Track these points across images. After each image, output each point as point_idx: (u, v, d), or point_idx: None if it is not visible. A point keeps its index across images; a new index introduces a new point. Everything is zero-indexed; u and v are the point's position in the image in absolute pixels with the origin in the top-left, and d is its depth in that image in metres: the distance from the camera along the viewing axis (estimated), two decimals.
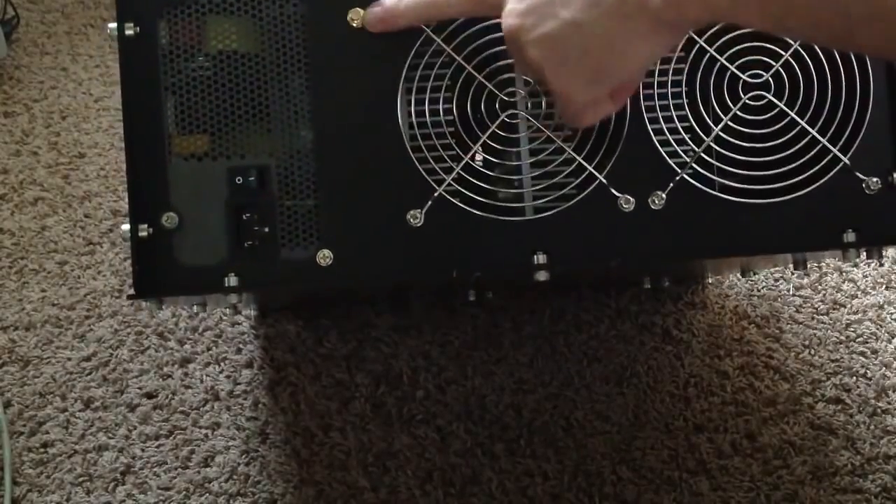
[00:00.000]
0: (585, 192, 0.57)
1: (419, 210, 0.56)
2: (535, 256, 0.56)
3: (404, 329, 0.88)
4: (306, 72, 0.57)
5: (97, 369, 0.86)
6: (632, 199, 0.56)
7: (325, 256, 0.56)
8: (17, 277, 0.93)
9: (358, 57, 0.57)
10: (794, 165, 0.57)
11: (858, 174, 0.57)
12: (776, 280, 0.92)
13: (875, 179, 0.57)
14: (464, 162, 0.57)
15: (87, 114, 1.07)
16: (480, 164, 0.58)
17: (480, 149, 0.57)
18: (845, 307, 0.90)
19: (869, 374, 0.86)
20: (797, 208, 0.57)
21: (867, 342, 0.88)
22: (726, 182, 0.57)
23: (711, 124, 0.57)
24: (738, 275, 0.90)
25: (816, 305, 0.90)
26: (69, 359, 0.87)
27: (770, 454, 0.81)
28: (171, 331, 0.89)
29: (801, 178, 0.57)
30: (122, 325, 0.89)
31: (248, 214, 0.57)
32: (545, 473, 0.80)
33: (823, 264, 0.93)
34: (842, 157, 0.56)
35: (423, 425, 0.82)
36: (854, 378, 0.85)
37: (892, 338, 0.88)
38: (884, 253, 0.57)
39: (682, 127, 0.57)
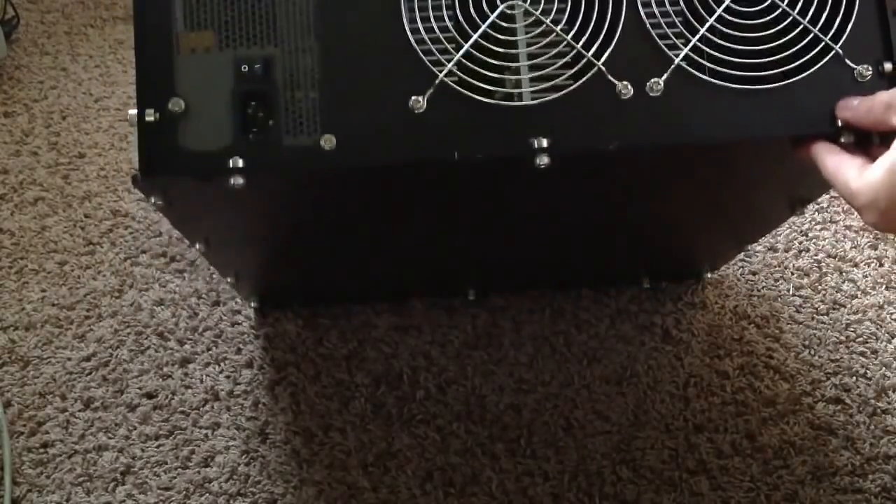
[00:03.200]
0: (584, 79, 0.58)
1: (421, 96, 0.58)
2: (536, 140, 0.57)
3: (404, 329, 0.88)
4: None
5: (97, 369, 0.86)
6: (630, 85, 0.58)
7: (328, 140, 0.57)
8: (17, 277, 0.93)
9: None
10: (786, 54, 0.59)
11: (849, 62, 0.58)
12: (776, 280, 0.92)
13: (866, 66, 0.58)
14: (465, 49, 0.58)
15: (87, 114, 1.07)
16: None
17: (477, 46, 0.59)
18: (845, 307, 0.90)
19: (869, 374, 0.86)
20: (792, 95, 0.59)
21: (867, 342, 0.88)
22: (721, 69, 0.59)
23: (704, 14, 0.59)
24: (737, 272, 0.90)
25: (816, 305, 0.90)
26: (69, 359, 0.87)
27: (770, 454, 0.81)
28: (171, 331, 0.89)
29: (793, 65, 0.59)
30: (122, 325, 0.89)
31: (253, 102, 0.58)
32: (545, 473, 0.80)
33: (823, 264, 0.93)
34: (833, 45, 0.58)
35: (423, 425, 0.82)
36: (854, 378, 0.85)
37: (892, 338, 0.88)
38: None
39: (677, 16, 0.59)
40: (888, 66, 0.58)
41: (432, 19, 0.58)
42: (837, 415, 0.83)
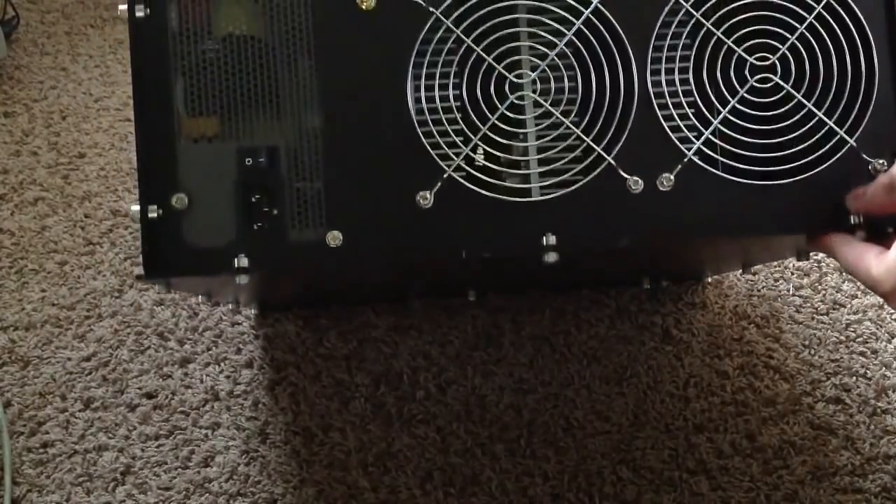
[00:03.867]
0: (594, 174, 0.57)
1: (428, 191, 0.57)
2: (545, 237, 0.57)
3: (404, 329, 0.88)
4: (315, 54, 0.57)
5: (97, 369, 0.86)
6: (640, 180, 0.57)
7: (334, 238, 0.57)
8: (17, 277, 0.93)
9: (366, 39, 0.57)
10: (800, 147, 0.57)
11: (865, 156, 0.57)
12: (776, 280, 0.92)
13: (881, 161, 0.57)
14: (472, 144, 0.57)
15: (87, 114, 1.07)
16: (483, 157, 0.59)
17: (485, 139, 0.58)
18: (845, 307, 0.90)
19: (869, 374, 0.86)
20: (805, 189, 0.57)
21: (867, 342, 0.88)
22: (733, 164, 0.58)
23: (719, 106, 0.57)
24: (739, 272, 0.90)
25: (816, 305, 0.90)
26: (69, 359, 0.87)
27: (770, 454, 0.81)
28: (171, 331, 0.89)
29: (808, 159, 0.57)
30: (122, 325, 0.89)
31: (257, 196, 0.57)
32: (545, 473, 0.80)
33: (823, 264, 0.93)
34: (848, 138, 0.57)
35: (423, 425, 0.82)
36: (854, 378, 0.85)
37: (892, 338, 0.88)
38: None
39: (689, 109, 0.57)
40: None
41: (440, 110, 0.57)
42: (837, 415, 0.83)
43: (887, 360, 0.87)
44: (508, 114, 0.58)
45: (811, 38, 0.57)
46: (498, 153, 0.58)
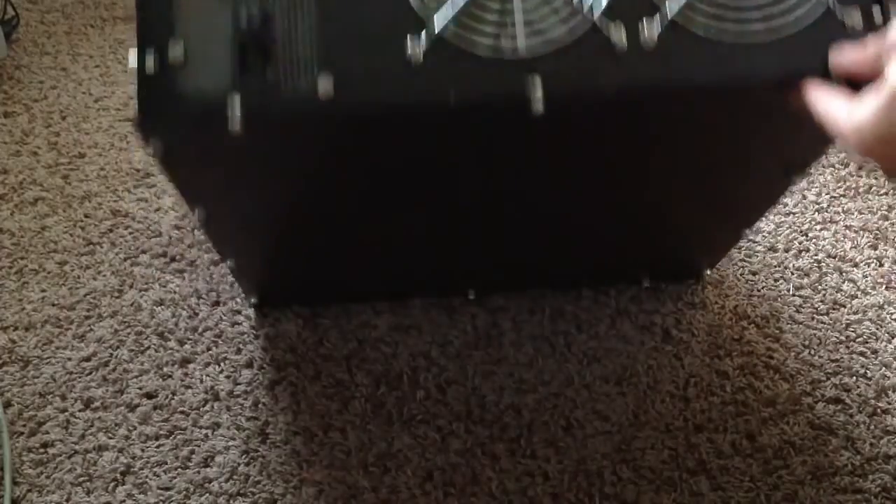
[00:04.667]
0: (579, 35, 0.59)
1: (418, 48, 0.59)
2: (531, 86, 0.58)
3: (404, 329, 0.88)
4: None
5: (97, 369, 0.86)
6: (624, 38, 0.59)
7: (325, 88, 0.58)
8: (17, 277, 0.93)
9: None
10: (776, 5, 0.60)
11: (839, 14, 0.60)
12: (776, 280, 0.92)
13: (853, 14, 0.60)
14: (461, 4, 0.59)
15: (87, 114, 1.07)
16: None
17: None
18: (845, 307, 0.90)
19: (869, 374, 0.86)
20: (784, 47, 0.60)
21: (867, 342, 0.88)
22: (714, 24, 0.60)
23: None
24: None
25: (816, 305, 0.90)
26: (69, 359, 0.87)
27: (770, 454, 0.81)
28: (171, 331, 0.89)
29: (785, 19, 0.60)
30: (122, 325, 0.89)
31: (253, 44, 0.59)
32: (545, 473, 0.80)
33: (823, 264, 0.93)
34: None
35: (423, 425, 0.82)
36: (854, 378, 0.85)
37: (892, 338, 0.88)
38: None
39: None
40: (877, 12, 0.59)
41: None
42: (837, 415, 0.83)
43: (887, 360, 0.87)
44: None
45: None
46: (486, 15, 0.60)
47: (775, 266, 0.93)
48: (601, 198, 0.78)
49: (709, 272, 0.92)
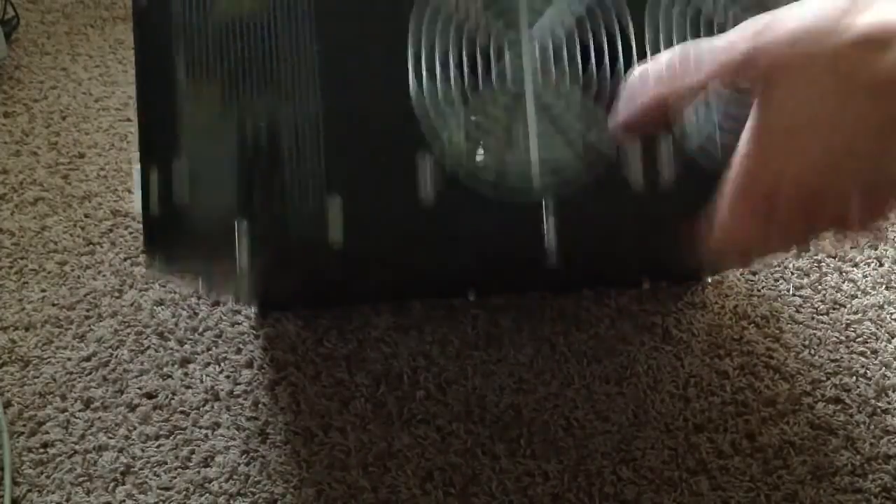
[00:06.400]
0: (596, 172, 0.58)
1: (430, 187, 0.58)
2: (546, 238, 0.57)
3: (404, 329, 0.88)
4: (316, 32, 0.58)
5: (97, 369, 0.86)
6: (640, 178, 0.58)
7: (335, 232, 0.57)
8: (17, 277, 0.93)
9: (367, 25, 0.58)
10: None
11: None
12: (776, 280, 0.92)
13: None
14: (475, 154, 0.57)
15: (87, 114, 1.07)
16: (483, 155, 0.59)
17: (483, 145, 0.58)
18: (845, 307, 0.90)
19: (869, 374, 0.86)
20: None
21: (867, 342, 0.88)
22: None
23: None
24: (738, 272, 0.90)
25: (816, 305, 0.90)
26: (69, 359, 0.87)
27: (770, 454, 0.81)
28: (171, 331, 0.89)
29: None
30: (122, 325, 0.89)
31: (259, 170, 0.58)
32: (545, 473, 0.80)
33: (823, 264, 0.93)
34: None
35: (423, 425, 0.82)
36: (854, 378, 0.85)
37: (892, 338, 0.88)
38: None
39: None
40: None
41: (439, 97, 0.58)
42: (837, 415, 0.83)
43: (887, 360, 0.87)
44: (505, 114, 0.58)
45: None
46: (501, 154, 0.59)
47: (775, 266, 0.93)
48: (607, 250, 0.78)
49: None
